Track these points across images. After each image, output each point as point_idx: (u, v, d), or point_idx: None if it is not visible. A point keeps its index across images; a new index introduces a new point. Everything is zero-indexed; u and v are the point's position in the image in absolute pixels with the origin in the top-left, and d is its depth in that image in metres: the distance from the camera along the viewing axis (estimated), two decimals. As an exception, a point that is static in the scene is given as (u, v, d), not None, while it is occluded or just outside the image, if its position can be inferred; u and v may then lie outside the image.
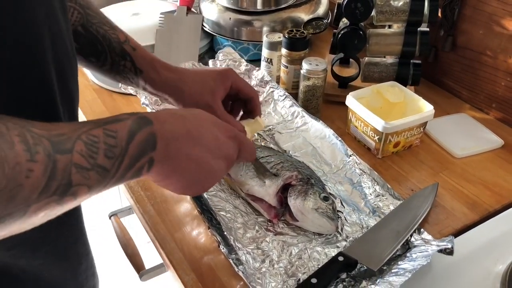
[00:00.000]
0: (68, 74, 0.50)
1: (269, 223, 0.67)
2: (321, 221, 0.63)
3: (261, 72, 0.91)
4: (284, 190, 0.67)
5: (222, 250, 0.62)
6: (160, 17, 1.06)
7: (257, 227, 0.66)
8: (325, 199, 0.65)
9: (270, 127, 0.84)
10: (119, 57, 0.66)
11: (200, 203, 0.68)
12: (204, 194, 0.69)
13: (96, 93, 0.95)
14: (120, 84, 0.78)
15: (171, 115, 0.48)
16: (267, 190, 0.66)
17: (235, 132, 0.55)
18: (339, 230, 0.65)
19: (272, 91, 0.88)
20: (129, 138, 0.41)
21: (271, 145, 0.80)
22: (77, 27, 0.65)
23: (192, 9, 1.12)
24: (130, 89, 0.80)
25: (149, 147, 0.43)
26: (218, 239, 0.62)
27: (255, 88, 0.90)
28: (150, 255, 0.77)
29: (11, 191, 0.32)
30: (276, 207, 0.67)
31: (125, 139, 0.41)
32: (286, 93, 0.87)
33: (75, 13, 0.64)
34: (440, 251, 0.57)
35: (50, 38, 0.45)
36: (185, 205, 0.70)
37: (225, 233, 0.64)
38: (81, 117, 0.91)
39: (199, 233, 0.66)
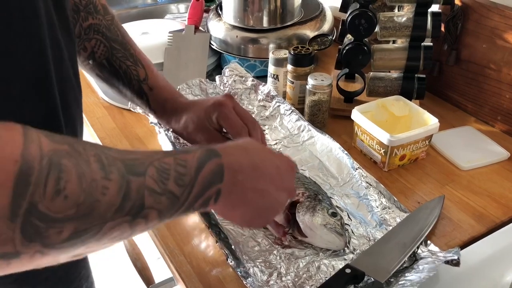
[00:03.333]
0: (71, 100, 0.52)
1: (276, 237, 0.67)
2: (330, 237, 0.64)
3: (267, 87, 0.92)
4: (292, 207, 0.67)
5: (230, 263, 0.62)
6: (168, 36, 1.09)
7: (265, 241, 0.67)
8: (333, 214, 0.65)
9: (277, 141, 0.86)
10: (137, 94, 0.72)
11: (209, 217, 0.69)
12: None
13: (106, 110, 0.97)
14: (129, 103, 0.81)
15: (236, 148, 0.49)
16: None
17: (292, 162, 0.57)
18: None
19: (279, 106, 0.89)
20: (199, 168, 0.42)
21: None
22: (102, 61, 0.69)
23: (200, 28, 1.14)
24: (139, 109, 0.82)
25: (217, 178, 0.44)
26: (226, 252, 0.63)
27: (261, 103, 0.92)
28: (159, 271, 0.78)
29: (89, 206, 0.33)
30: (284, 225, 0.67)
31: (195, 169, 0.42)
32: (292, 108, 0.88)
33: (101, 47, 0.68)
34: (447, 262, 0.57)
35: (54, 65, 0.46)
36: (194, 219, 0.71)
37: (233, 246, 0.64)
38: (92, 133, 0.93)
39: (207, 246, 0.67)
